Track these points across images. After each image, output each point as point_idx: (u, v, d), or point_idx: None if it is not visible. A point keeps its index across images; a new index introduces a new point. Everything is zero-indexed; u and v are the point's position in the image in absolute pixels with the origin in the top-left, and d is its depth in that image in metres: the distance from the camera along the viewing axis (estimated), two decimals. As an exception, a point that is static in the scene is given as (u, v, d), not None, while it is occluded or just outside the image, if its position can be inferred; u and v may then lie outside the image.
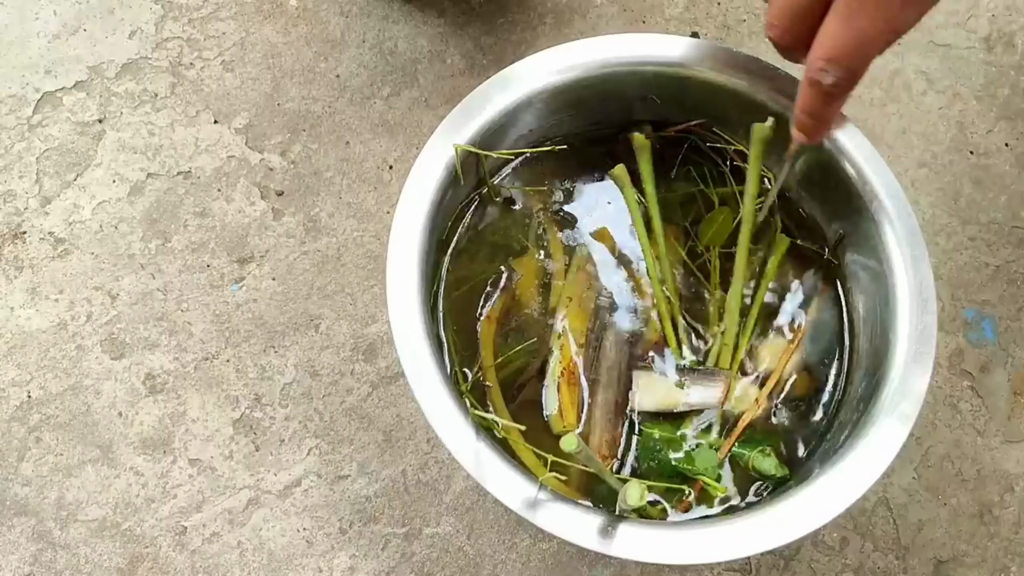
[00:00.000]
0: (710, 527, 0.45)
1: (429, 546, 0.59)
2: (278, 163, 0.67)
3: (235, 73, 0.70)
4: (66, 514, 0.59)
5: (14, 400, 0.61)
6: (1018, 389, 0.64)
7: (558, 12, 0.72)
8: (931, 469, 0.62)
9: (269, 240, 0.65)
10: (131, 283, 0.64)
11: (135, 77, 0.69)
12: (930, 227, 0.68)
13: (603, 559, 0.59)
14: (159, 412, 0.61)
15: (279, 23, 0.71)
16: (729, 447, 0.51)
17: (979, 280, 0.67)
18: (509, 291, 0.55)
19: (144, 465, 0.60)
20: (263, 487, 0.60)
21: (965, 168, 0.69)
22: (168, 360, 0.62)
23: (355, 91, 0.70)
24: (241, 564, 0.58)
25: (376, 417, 0.62)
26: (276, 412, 0.62)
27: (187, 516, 0.59)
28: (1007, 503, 0.62)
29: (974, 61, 0.73)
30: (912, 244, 0.50)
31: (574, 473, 0.50)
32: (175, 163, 0.67)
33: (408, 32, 0.71)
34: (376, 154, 0.68)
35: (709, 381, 0.52)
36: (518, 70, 0.52)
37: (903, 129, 0.70)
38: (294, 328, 0.63)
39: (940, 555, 0.60)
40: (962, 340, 0.65)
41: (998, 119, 0.71)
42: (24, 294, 0.64)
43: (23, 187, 0.66)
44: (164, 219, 0.66)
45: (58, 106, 0.68)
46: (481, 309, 0.54)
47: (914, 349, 0.48)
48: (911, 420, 0.46)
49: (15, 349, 0.62)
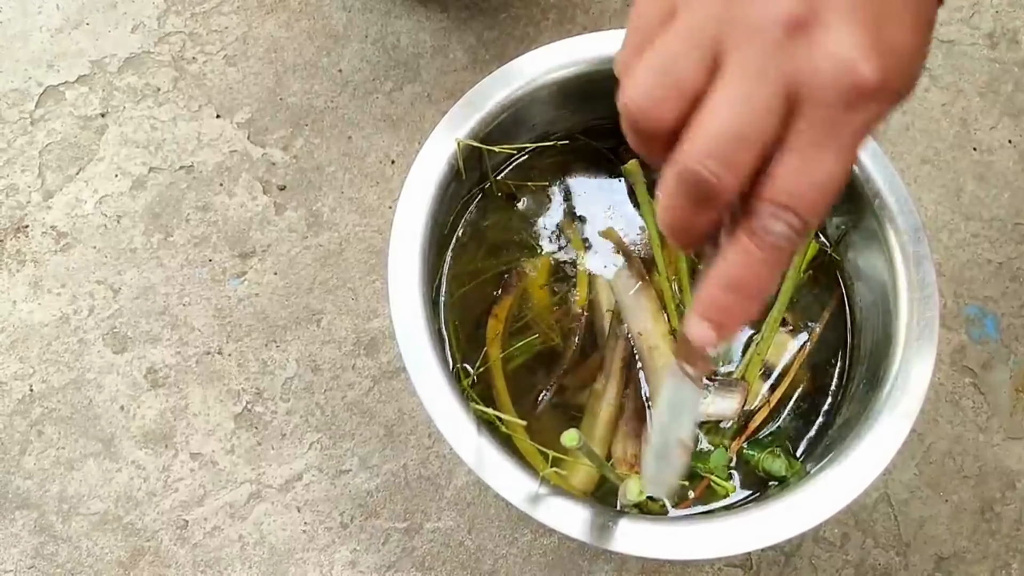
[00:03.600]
0: (711, 523, 0.45)
1: (430, 541, 0.59)
2: (280, 158, 0.67)
3: (237, 68, 0.70)
4: (68, 507, 0.59)
5: (16, 394, 0.61)
6: (1020, 386, 0.64)
7: (561, 7, 0.72)
8: (933, 465, 0.62)
9: (271, 235, 0.65)
10: (133, 277, 0.64)
11: (137, 71, 0.69)
12: (933, 224, 0.68)
13: (604, 554, 0.59)
14: (161, 406, 0.61)
15: (282, 18, 0.71)
16: (738, 445, 0.51)
17: (981, 277, 0.66)
18: (517, 289, 0.54)
19: (146, 459, 0.60)
20: (264, 481, 0.60)
21: (968, 165, 0.69)
22: (170, 354, 0.62)
23: (357, 86, 0.69)
24: (242, 558, 0.59)
25: (377, 412, 0.62)
26: (277, 406, 0.62)
27: (188, 510, 0.59)
28: (1009, 500, 0.62)
29: (977, 57, 0.73)
30: (914, 241, 0.50)
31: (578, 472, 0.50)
32: (177, 157, 0.67)
33: (410, 27, 0.71)
34: (378, 149, 0.68)
35: (728, 392, 0.52)
36: (521, 65, 0.52)
37: (906, 126, 0.70)
38: (296, 323, 0.63)
39: (941, 551, 0.60)
40: (964, 337, 0.65)
41: (1001, 116, 0.71)
42: (26, 288, 0.64)
43: (25, 181, 0.66)
44: (166, 213, 0.66)
45: (60, 100, 0.68)
46: (487, 306, 0.54)
47: (916, 345, 0.48)
48: (912, 416, 0.46)
49: (17, 343, 0.62)
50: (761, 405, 0.52)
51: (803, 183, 0.27)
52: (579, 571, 0.59)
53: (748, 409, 0.52)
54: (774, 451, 0.51)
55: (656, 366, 0.52)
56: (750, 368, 0.53)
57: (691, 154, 0.27)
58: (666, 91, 0.27)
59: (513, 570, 0.59)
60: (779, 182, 0.27)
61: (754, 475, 0.51)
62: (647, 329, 0.53)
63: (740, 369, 0.53)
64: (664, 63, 0.28)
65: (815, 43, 0.26)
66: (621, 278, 0.55)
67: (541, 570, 0.59)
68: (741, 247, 0.28)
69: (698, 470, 0.50)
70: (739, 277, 0.28)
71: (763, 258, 0.28)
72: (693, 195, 0.27)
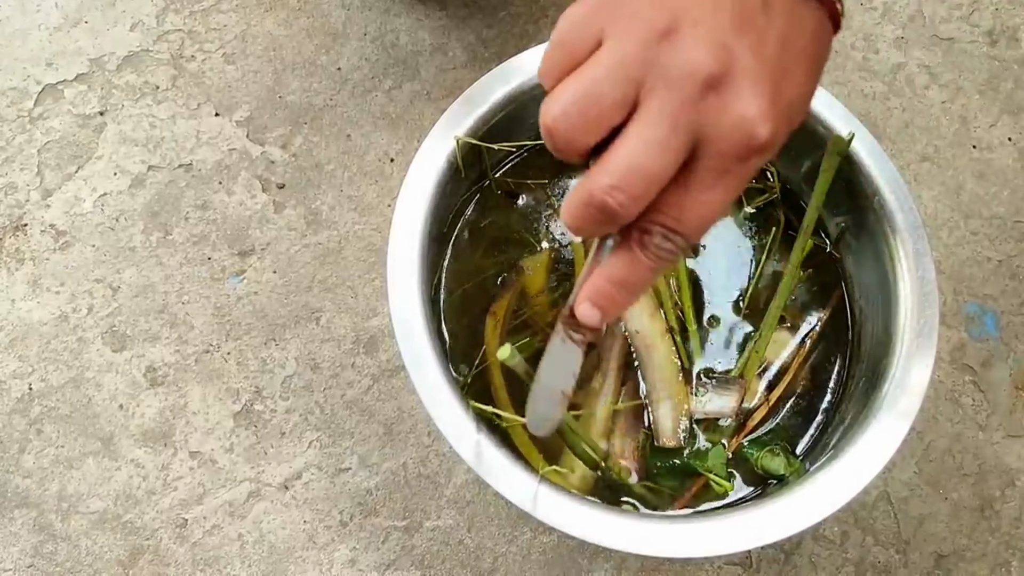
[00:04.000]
0: (711, 521, 0.45)
1: (430, 539, 0.59)
2: (279, 156, 0.67)
3: (236, 66, 0.70)
4: (67, 506, 0.59)
5: (15, 392, 0.61)
6: (1020, 384, 0.64)
7: (560, 4, 0.72)
8: (932, 463, 0.62)
9: (270, 233, 0.65)
10: (132, 276, 0.64)
11: (136, 69, 0.69)
12: (932, 222, 0.67)
13: (603, 552, 0.59)
14: (160, 405, 0.61)
15: (280, 16, 0.71)
16: (737, 443, 0.51)
17: (981, 275, 0.66)
18: (516, 287, 0.54)
19: (145, 457, 0.60)
20: (264, 480, 0.60)
21: (968, 162, 0.69)
22: (169, 353, 0.62)
23: (356, 84, 0.69)
24: (242, 556, 0.58)
25: (377, 410, 0.62)
26: (277, 405, 0.62)
27: (188, 508, 0.59)
28: (1008, 498, 0.62)
29: (977, 55, 0.73)
30: (914, 238, 0.50)
31: (576, 470, 0.50)
32: (176, 156, 0.67)
33: (410, 25, 0.71)
34: (377, 147, 0.68)
35: (725, 390, 0.52)
36: (520, 62, 0.52)
37: (906, 123, 0.70)
38: (295, 321, 0.63)
39: (941, 549, 0.60)
40: (964, 335, 0.65)
41: (1001, 113, 0.71)
42: (25, 286, 0.64)
43: (24, 180, 0.66)
44: (165, 212, 0.66)
45: (59, 98, 0.68)
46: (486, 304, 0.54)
47: (916, 343, 0.48)
48: (912, 414, 0.46)
49: (16, 341, 0.62)
50: (760, 403, 0.52)
51: (693, 215, 0.31)
52: (579, 569, 0.59)
53: (747, 407, 0.52)
54: (773, 449, 0.51)
55: (653, 364, 0.52)
56: (749, 366, 0.53)
57: (601, 184, 0.30)
58: (586, 121, 0.31)
59: (513, 568, 0.59)
60: (673, 211, 0.31)
61: (753, 473, 0.51)
62: (644, 327, 0.53)
63: (739, 367, 0.53)
64: (587, 94, 0.31)
65: (724, 103, 0.30)
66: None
67: (541, 568, 0.59)
68: (633, 255, 0.32)
69: (696, 467, 0.50)
70: (626, 277, 0.33)
71: (649, 266, 0.32)
72: (597, 216, 0.31)
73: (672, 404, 0.51)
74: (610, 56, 0.31)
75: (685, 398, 0.52)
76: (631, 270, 0.33)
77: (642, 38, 0.30)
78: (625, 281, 0.33)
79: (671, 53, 0.30)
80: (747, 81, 0.30)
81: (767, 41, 0.31)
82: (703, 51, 0.30)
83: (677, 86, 0.30)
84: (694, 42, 0.30)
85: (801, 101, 0.32)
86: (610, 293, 0.34)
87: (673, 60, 0.30)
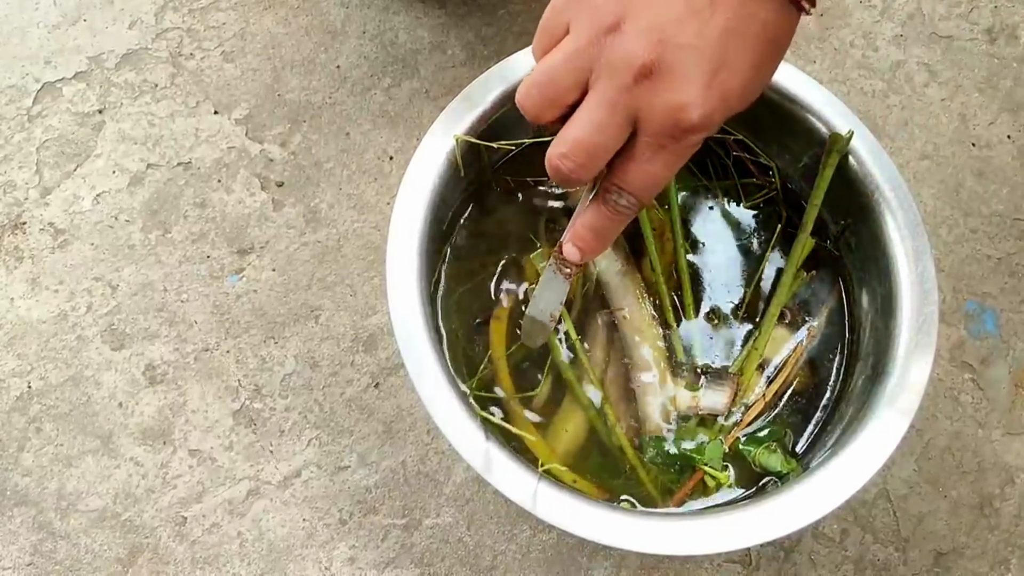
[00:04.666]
0: (710, 518, 0.45)
1: (429, 537, 0.59)
2: (278, 154, 0.67)
3: (235, 63, 0.70)
4: (66, 504, 0.59)
5: (14, 390, 0.61)
6: (1019, 381, 0.64)
7: (559, 3, 0.72)
8: (932, 461, 0.62)
9: (269, 231, 0.65)
10: (131, 274, 0.64)
11: (135, 67, 0.69)
12: (932, 219, 0.67)
13: (603, 550, 0.59)
14: (159, 403, 0.61)
15: (279, 13, 0.71)
16: (734, 438, 0.51)
17: (981, 272, 0.66)
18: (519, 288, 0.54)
19: (144, 455, 0.60)
20: (263, 478, 0.60)
21: (967, 160, 0.69)
22: (168, 351, 0.62)
23: (355, 82, 0.69)
24: (241, 555, 0.58)
25: (376, 408, 0.62)
26: (276, 403, 0.62)
27: (187, 507, 0.59)
28: (1008, 495, 0.62)
29: (976, 53, 0.73)
30: (914, 236, 0.50)
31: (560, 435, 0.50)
32: (175, 154, 0.67)
33: (409, 23, 0.71)
34: (376, 145, 0.68)
35: (717, 385, 0.52)
36: (519, 60, 0.52)
37: (905, 121, 0.70)
38: (294, 319, 0.63)
39: (940, 547, 0.60)
40: (963, 332, 0.65)
41: (1000, 111, 0.71)
42: (24, 285, 0.64)
43: (23, 178, 0.66)
44: (164, 210, 0.66)
45: (58, 96, 0.68)
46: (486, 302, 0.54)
47: (915, 341, 0.48)
48: (911, 412, 0.46)
49: (15, 340, 0.62)
50: (758, 399, 0.52)
51: (638, 179, 0.38)
52: (578, 567, 0.59)
53: (746, 403, 0.52)
54: (771, 446, 0.51)
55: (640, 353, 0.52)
56: (748, 362, 0.53)
57: (557, 151, 0.38)
58: (545, 100, 0.38)
59: (512, 566, 0.59)
60: (620, 174, 0.38)
61: (752, 471, 0.51)
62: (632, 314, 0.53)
63: (738, 363, 0.53)
64: (546, 78, 0.37)
65: (655, 90, 0.35)
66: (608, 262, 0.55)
67: (540, 566, 0.59)
68: (599, 208, 0.40)
69: (693, 461, 0.50)
70: (595, 224, 0.41)
71: (610, 216, 0.40)
72: (556, 177, 0.38)
73: (657, 394, 0.52)
74: (568, 45, 0.37)
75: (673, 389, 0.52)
76: (598, 219, 0.40)
77: (593, 31, 0.36)
78: (595, 227, 0.41)
79: (613, 45, 0.35)
80: (680, 70, 0.35)
81: (707, 33, 0.34)
82: (640, 43, 0.34)
83: (615, 74, 0.35)
84: (634, 35, 0.35)
85: (743, 87, 0.36)
86: (586, 237, 0.41)
87: (614, 52, 0.35)
